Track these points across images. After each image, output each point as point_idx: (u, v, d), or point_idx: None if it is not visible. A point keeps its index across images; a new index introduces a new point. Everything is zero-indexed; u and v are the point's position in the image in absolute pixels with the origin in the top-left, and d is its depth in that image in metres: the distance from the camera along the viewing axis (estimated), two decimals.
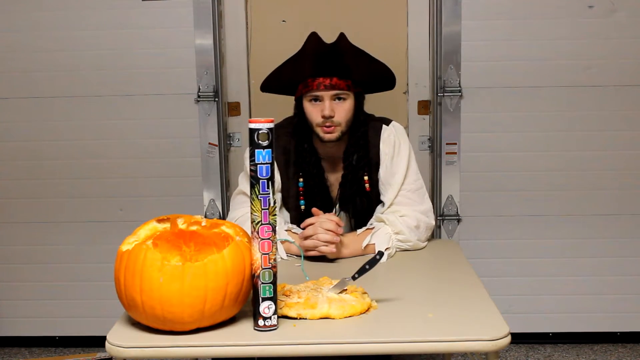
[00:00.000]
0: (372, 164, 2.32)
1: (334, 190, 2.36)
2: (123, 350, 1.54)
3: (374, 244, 2.20)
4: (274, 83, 2.34)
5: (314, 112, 2.22)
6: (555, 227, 3.33)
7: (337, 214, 2.33)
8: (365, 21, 3.31)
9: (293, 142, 2.34)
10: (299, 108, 2.29)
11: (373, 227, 2.25)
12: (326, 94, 2.19)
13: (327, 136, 2.22)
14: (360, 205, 2.33)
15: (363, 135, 2.31)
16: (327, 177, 2.34)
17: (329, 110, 2.18)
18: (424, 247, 2.30)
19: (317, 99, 2.21)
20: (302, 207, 2.30)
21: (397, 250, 2.24)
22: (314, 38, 2.22)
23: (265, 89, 2.38)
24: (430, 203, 2.37)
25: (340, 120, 2.21)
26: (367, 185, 2.31)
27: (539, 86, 3.23)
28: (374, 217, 2.32)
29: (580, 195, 3.31)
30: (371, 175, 2.32)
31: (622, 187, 3.29)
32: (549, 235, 3.34)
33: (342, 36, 2.22)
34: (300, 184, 2.31)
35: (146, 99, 3.31)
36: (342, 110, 2.21)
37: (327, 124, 2.20)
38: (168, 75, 3.29)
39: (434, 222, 2.35)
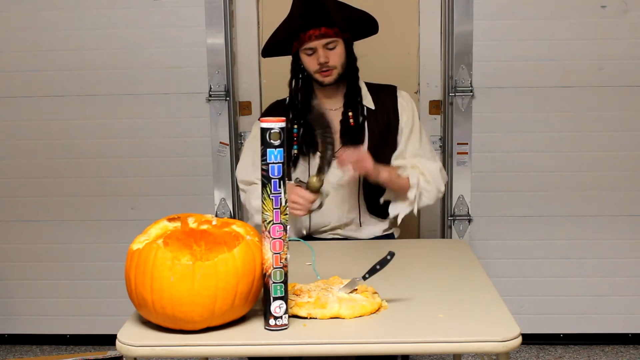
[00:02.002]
0: (388, 111, 2.53)
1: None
2: (133, 349, 1.55)
3: (407, 177, 2.40)
4: (272, 46, 2.55)
5: (310, 61, 2.43)
6: (567, 228, 3.32)
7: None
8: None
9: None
10: (296, 63, 2.49)
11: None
12: (318, 43, 2.38)
13: (326, 79, 2.44)
14: (360, 137, 2.48)
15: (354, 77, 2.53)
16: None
17: (324, 57, 2.39)
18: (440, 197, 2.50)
19: (311, 49, 2.40)
20: (295, 151, 2.49)
21: (419, 197, 2.43)
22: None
23: (265, 53, 2.60)
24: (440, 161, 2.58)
25: (335, 64, 2.42)
26: (351, 120, 2.48)
27: (551, 86, 3.22)
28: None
29: (592, 196, 3.29)
30: (377, 117, 2.51)
31: (634, 187, 3.28)
32: (560, 236, 3.33)
33: None
34: (294, 130, 2.50)
35: (158, 98, 3.32)
36: (334, 55, 2.41)
37: (324, 69, 2.41)
38: (179, 75, 3.29)
39: (446, 176, 2.58)
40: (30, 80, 3.34)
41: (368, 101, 2.54)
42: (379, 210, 2.52)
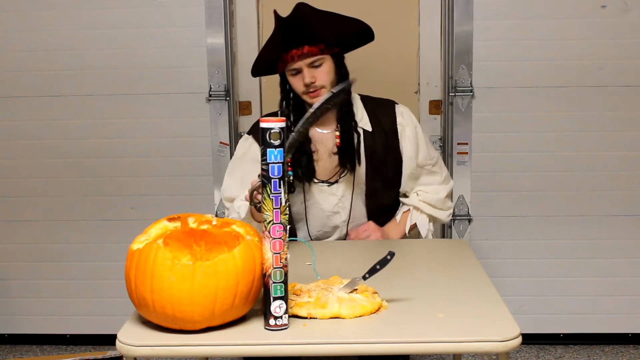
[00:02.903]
0: (386, 132, 2.41)
1: (326, 159, 2.41)
2: (133, 349, 1.55)
3: (415, 224, 2.44)
4: (260, 66, 2.43)
5: (296, 82, 2.31)
6: (567, 228, 3.32)
7: (340, 176, 2.41)
8: (376, 21, 3.29)
9: None
10: (284, 83, 2.38)
11: (408, 210, 2.46)
12: (302, 63, 2.26)
13: (315, 100, 2.24)
14: (358, 159, 2.39)
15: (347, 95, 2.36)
16: (317, 148, 2.40)
17: (309, 78, 2.26)
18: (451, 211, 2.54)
19: (295, 70, 2.29)
20: (291, 177, 2.38)
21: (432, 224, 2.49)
22: (276, 16, 2.30)
23: (255, 73, 2.49)
24: (445, 168, 2.56)
25: (323, 83, 2.29)
26: (337, 140, 2.36)
27: (551, 86, 3.22)
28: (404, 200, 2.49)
29: (592, 196, 3.29)
30: (375, 139, 2.39)
31: (634, 187, 3.28)
32: (560, 236, 3.33)
33: (299, 5, 2.27)
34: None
35: (157, 98, 3.32)
36: (321, 73, 2.29)
37: (312, 90, 2.28)
38: (179, 74, 3.29)
39: (452, 183, 2.56)
40: (30, 80, 3.34)
41: (364, 122, 2.41)
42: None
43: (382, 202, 2.46)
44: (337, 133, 2.38)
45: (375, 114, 2.42)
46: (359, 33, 2.38)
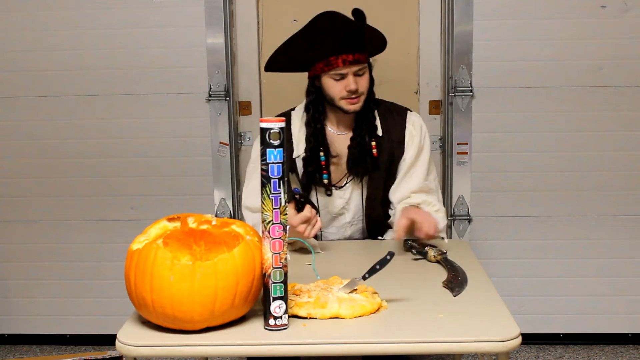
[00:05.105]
0: (393, 140, 2.40)
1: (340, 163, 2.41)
2: (133, 349, 1.55)
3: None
4: (283, 61, 2.40)
5: (336, 87, 2.28)
6: (567, 228, 3.32)
7: (347, 181, 2.41)
8: (376, 20, 3.29)
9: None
10: (313, 85, 2.35)
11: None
12: (349, 70, 2.25)
13: (352, 107, 2.30)
14: (368, 167, 2.38)
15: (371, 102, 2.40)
16: (337, 153, 2.40)
17: (354, 84, 2.26)
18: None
19: (340, 75, 2.27)
20: (325, 180, 2.38)
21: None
22: (330, 15, 2.30)
23: (270, 68, 2.45)
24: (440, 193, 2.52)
25: (363, 90, 2.31)
26: (374, 150, 2.37)
27: (551, 86, 3.22)
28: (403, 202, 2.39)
29: (591, 196, 3.29)
30: (382, 146, 2.39)
31: (634, 187, 3.28)
32: (560, 236, 3.33)
33: (358, 11, 2.32)
34: (322, 157, 2.37)
35: (157, 98, 3.32)
36: (363, 81, 2.30)
37: (353, 96, 2.28)
38: (179, 75, 3.29)
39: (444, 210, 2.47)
40: (30, 80, 3.34)
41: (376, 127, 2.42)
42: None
43: (379, 209, 2.44)
44: (353, 136, 2.38)
45: (386, 120, 2.42)
46: (382, 43, 2.46)
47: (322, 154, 2.37)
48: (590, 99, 3.22)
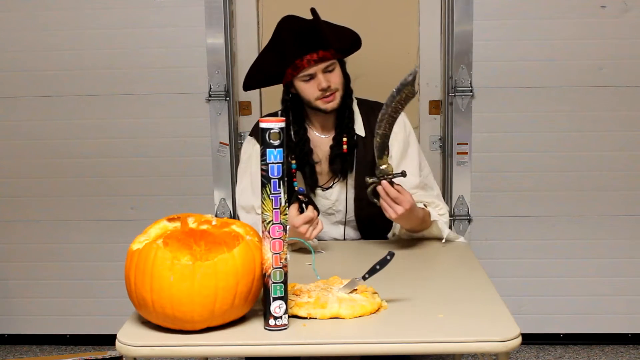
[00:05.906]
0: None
1: (324, 165, 2.40)
2: (133, 349, 1.55)
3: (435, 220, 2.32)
4: (259, 78, 2.40)
5: (309, 88, 2.28)
6: (567, 228, 3.32)
7: (334, 182, 2.40)
8: (376, 21, 3.31)
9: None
10: (288, 93, 2.36)
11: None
12: (317, 69, 2.25)
13: (330, 105, 2.29)
14: (346, 165, 2.37)
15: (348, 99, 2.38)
16: (319, 157, 2.39)
17: (325, 82, 2.25)
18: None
19: (309, 76, 2.26)
20: (296, 187, 2.36)
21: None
22: (288, 20, 2.31)
23: (248, 87, 2.44)
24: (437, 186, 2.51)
25: (337, 86, 2.29)
26: (344, 146, 2.36)
27: (551, 86, 3.22)
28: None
29: (592, 196, 3.29)
30: (366, 146, 2.37)
31: (634, 187, 3.28)
32: (560, 236, 3.33)
33: (314, 11, 2.31)
34: (293, 165, 2.36)
35: (157, 98, 3.32)
36: (334, 77, 2.28)
37: (327, 94, 2.27)
38: (179, 75, 3.29)
39: (447, 207, 2.45)
40: (30, 80, 3.34)
41: (359, 127, 2.40)
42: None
43: (368, 209, 2.41)
44: (334, 136, 2.38)
45: (369, 119, 2.40)
46: (354, 40, 2.42)
47: (293, 162, 2.35)
48: (590, 99, 3.22)
